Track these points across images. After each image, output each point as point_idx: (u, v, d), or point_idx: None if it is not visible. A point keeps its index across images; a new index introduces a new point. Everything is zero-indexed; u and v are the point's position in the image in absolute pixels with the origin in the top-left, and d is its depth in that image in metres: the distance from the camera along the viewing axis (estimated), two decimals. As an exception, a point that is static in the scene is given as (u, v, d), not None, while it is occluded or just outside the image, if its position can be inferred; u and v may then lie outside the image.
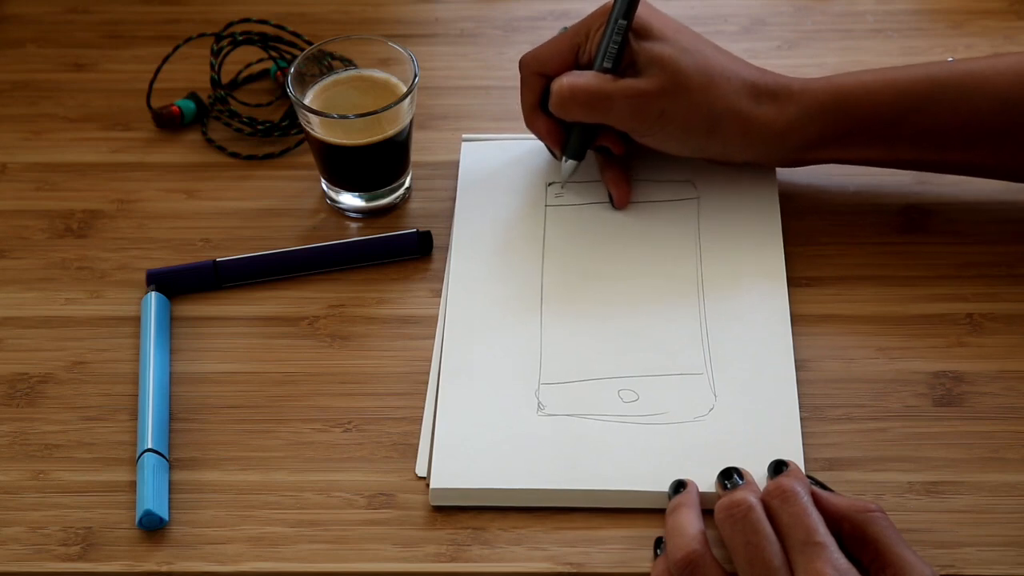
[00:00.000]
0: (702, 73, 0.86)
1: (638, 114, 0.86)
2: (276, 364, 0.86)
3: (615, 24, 0.86)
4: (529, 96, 0.90)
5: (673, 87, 0.85)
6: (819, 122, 0.86)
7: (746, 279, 0.88)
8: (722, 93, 0.86)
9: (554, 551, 0.77)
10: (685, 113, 0.86)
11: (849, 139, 0.87)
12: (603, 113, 0.87)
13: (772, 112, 0.86)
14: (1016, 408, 0.82)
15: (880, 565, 0.71)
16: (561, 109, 0.88)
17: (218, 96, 0.99)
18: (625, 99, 0.86)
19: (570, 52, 0.89)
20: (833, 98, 0.86)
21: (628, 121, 0.87)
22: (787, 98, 0.86)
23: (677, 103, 0.86)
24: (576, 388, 0.83)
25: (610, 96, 0.86)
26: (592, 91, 0.86)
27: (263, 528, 0.78)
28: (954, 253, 0.89)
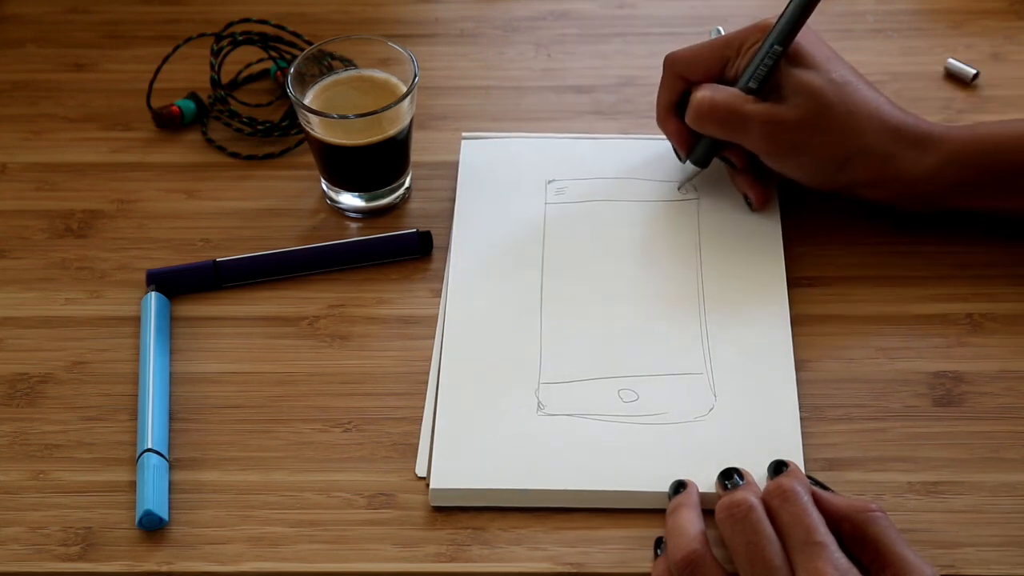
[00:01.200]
0: (846, 109, 0.84)
1: (773, 141, 0.85)
2: (276, 364, 0.86)
3: (770, 48, 0.85)
4: (666, 96, 0.89)
5: (813, 120, 0.84)
6: (957, 173, 0.85)
7: (746, 279, 0.88)
8: (861, 132, 0.84)
9: (554, 551, 0.77)
10: (821, 147, 0.85)
11: (983, 191, 0.86)
12: (739, 133, 0.86)
13: (910, 159, 0.85)
14: (1016, 408, 0.82)
15: (880, 565, 0.71)
16: (698, 122, 0.87)
17: (218, 96, 0.99)
18: (763, 124, 0.85)
19: (718, 62, 0.88)
20: (975, 148, 0.85)
21: (761, 145, 0.86)
22: (928, 146, 0.85)
23: (814, 136, 0.84)
24: (576, 388, 0.83)
25: (749, 119, 0.85)
26: (732, 110, 0.85)
27: (263, 528, 0.78)
28: (954, 253, 0.89)
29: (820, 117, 0.84)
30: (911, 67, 1.02)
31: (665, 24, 1.06)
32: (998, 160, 0.85)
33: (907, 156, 0.85)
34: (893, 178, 0.85)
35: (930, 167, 0.85)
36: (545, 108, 1.00)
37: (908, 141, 0.85)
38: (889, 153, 0.85)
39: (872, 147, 0.85)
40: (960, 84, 1.00)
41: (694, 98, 0.87)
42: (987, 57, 1.02)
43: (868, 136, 0.85)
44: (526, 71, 1.03)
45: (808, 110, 0.84)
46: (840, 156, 0.85)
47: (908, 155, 0.85)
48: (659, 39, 1.04)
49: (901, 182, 0.86)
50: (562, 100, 1.00)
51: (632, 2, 1.08)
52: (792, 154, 0.86)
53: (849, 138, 0.85)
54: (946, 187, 0.86)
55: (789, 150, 0.86)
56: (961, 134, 0.86)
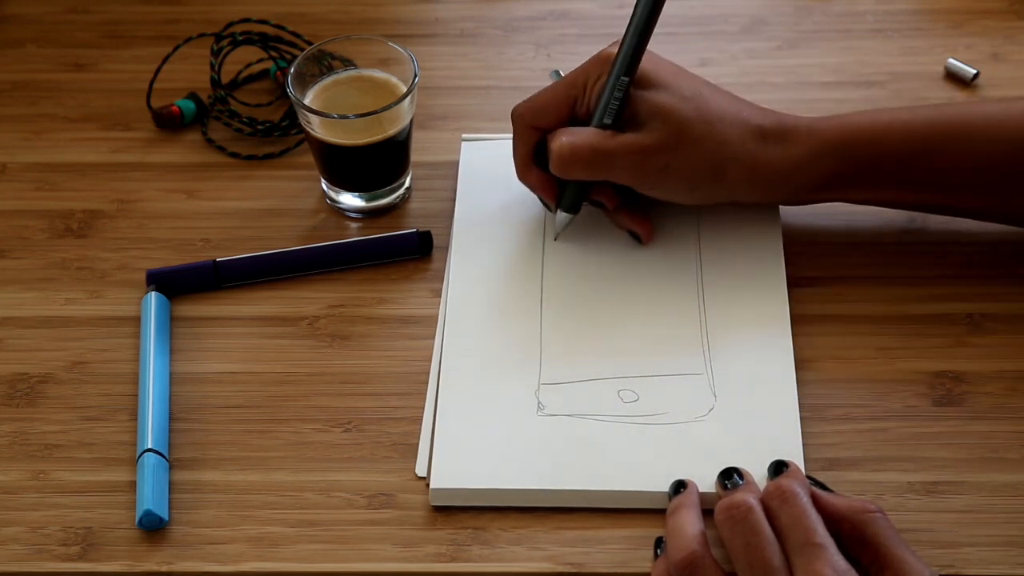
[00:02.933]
0: (704, 121, 0.83)
1: (641, 170, 0.84)
2: (276, 364, 0.86)
3: (617, 80, 0.84)
4: (522, 149, 0.88)
5: (676, 140, 0.83)
6: (826, 164, 0.84)
7: (746, 279, 0.88)
8: (725, 140, 0.84)
9: (554, 551, 0.77)
10: (689, 165, 0.84)
11: (857, 181, 0.85)
12: (605, 171, 0.85)
13: (778, 154, 0.84)
14: (1016, 408, 0.82)
15: (880, 566, 0.71)
16: (561, 169, 0.85)
17: (218, 96, 0.99)
18: (627, 156, 0.84)
19: (566, 105, 0.86)
20: (840, 140, 0.84)
21: (631, 177, 0.85)
22: (794, 139, 0.84)
23: (680, 155, 0.83)
24: (576, 388, 0.83)
25: (612, 155, 0.84)
26: (593, 150, 0.84)
27: (263, 528, 0.78)
28: (954, 253, 0.89)
29: (681, 135, 0.83)
30: (911, 67, 1.02)
31: (665, 24, 1.04)
32: (863, 151, 0.84)
33: (775, 152, 0.84)
34: (765, 177, 0.85)
35: (799, 159, 0.84)
36: (545, 108, 1.00)
37: (773, 137, 0.84)
38: (756, 152, 0.84)
39: (739, 152, 0.84)
40: (960, 84, 1.00)
41: (553, 146, 0.85)
42: (987, 57, 1.02)
43: (733, 142, 0.84)
44: (526, 71, 1.03)
45: (668, 132, 0.83)
46: (711, 168, 0.84)
47: (776, 151, 0.84)
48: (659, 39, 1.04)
49: (774, 179, 0.85)
50: (562, 100, 1.00)
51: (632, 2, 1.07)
52: (663, 178, 0.84)
53: (715, 149, 0.83)
54: (819, 180, 0.85)
55: (659, 175, 0.84)
56: (826, 124, 0.85)
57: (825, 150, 0.84)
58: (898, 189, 0.86)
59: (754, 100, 0.91)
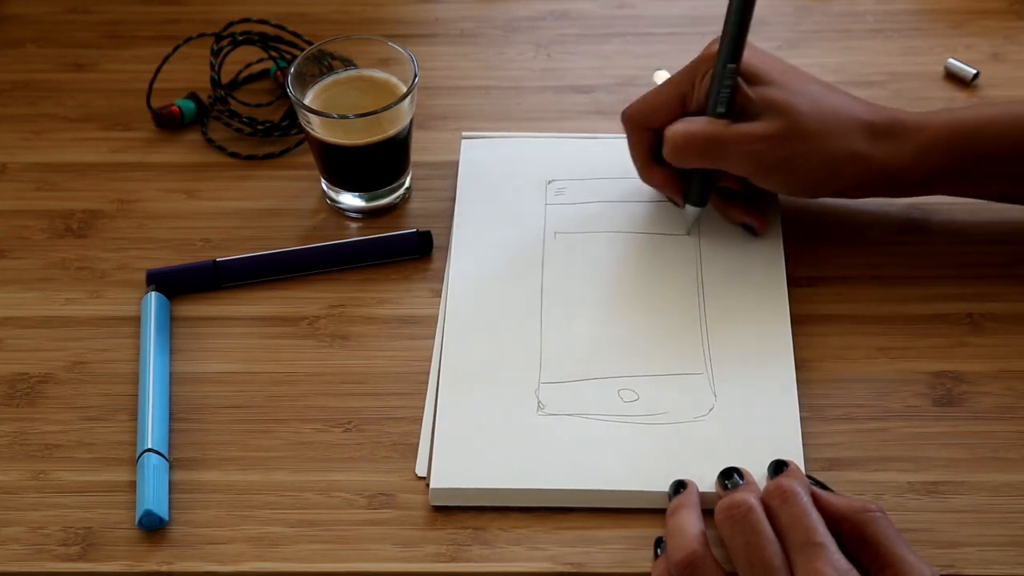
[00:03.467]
0: (818, 116, 0.84)
1: (756, 159, 0.84)
2: (276, 364, 0.86)
3: (723, 69, 0.84)
4: (641, 150, 0.89)
5: (791, 132, 0.84)
6: (936, 159, 0.84)
7: (746, 279, 0.88)
8: (840, 135, 0.84)
9: (554, 551, 0.77)
10: (805, 158, 0.84)
11: (966, 176, 0.85)
12: (720, 159, 0.85)
13: (890, 151, 0.84)
14: (1016, 408, 0.82)
15: (880, 565, 0.71)
16: (676, 157, 0.86)
17: (218, 96, 0.99)
18: (742, 144, 0.84)
19: (677, 102, 0.87)
20: (949, 135, 0.84)
21: (746, 166, 0.85)
22: (903, 135, 0.85)
23: (797, 149, 0.84)
24: (576, 388, 0.83)
25: (727, 142, 0.84)
26: (708, 137, 0.84)
27: (263, 528, 0.78)
28: (954, 253, 0.89)
29: (796, 129, 0.84)
30: (911, 67, 1.02)
31: (665, 24, 1.06)
32: (974, 145, 0.84)
33: (886, 148, 0.85)
34: (877, 174, 0.85)
35: (909, 155, 0.85)
36: (545, 108, 1.00)
37: (883, 133, 0.85)
38: (869, 149, 0.84)
39: (853, 147, 0.84)
40: (960, 84, 1.00)
41: (668, 135, 0.85)
42: (987, 57, 1.02)
43: (847, 138, 0.84)
44: (526, 71, 1.03)
45: (784, 124, 0.84)
46: (826, 163, 0.84)
47: (887, 147, 0.85)
48: (659, 39, 1.05)
49: (885, 175, 0.85)
50: (562, 100, 1.00)
51: (632, 2, 1.08)
52: (779, 169, 0.85)
53: (830, 144, 0.84)
54: (927, 174, 0.85)
55: (776, 166, 0.85)
56: (935, 119, 0.85)
57: (935, 146, 0.84)
58: (1005, 183, 0.86)
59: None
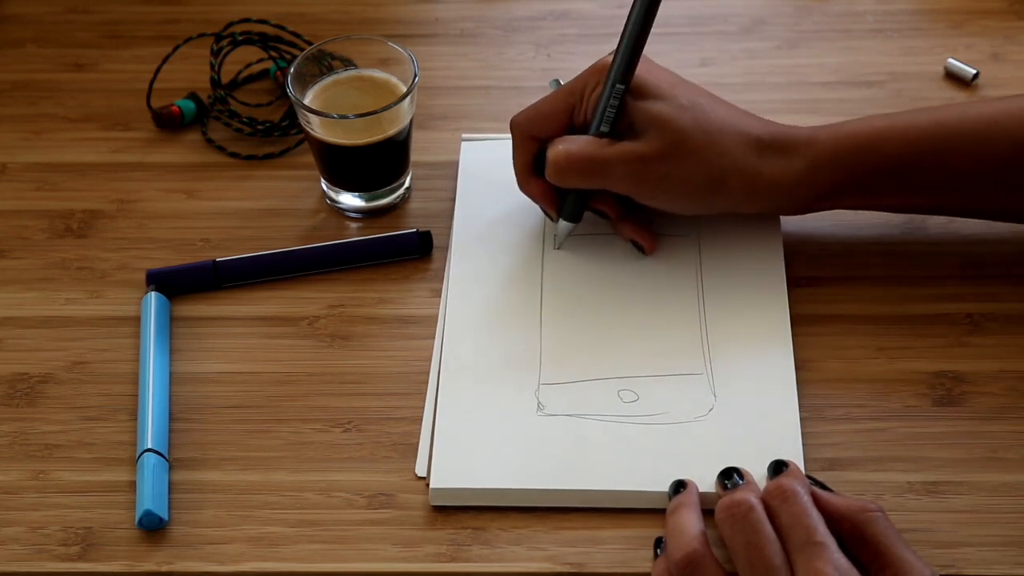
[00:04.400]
0: (702, 132, 0.83)
1: (639, 179, 0.84)
2: (276, 364, 0.86)
3: (612, 88, 0.83)
4: (522, 159, 0.88)
5: (673, 149, 0.83)
6: (827, 174, 0.84)
7: (746, 279, 0.88)
8: (724, 151, 0.83)
9: (554, 551, 0.77)
10: (687, 175, 0.83)
11: (858, 189, 0.85)
12: (601, 179, 0.84)
13: (778, 167, 0.84)
14: (1016, 408, 0.82)
15: (880, 565, 0.71)
16: (558, 177, 0.85)
17: (218, 96, 0.99)
18: (624, 164, 0.83)
19: (564, 113, 0.86)
20: (839, 149, 0.84)
21: (629, 186, 0.84)
22: (793, 151, 0.84)
23: (678, 165, 0.83)
24: (576, 388, 0.83)
25: (608, 162, 0.83)
26: (589, 158, 0.84)
27: (263, 528, 0.78)
28: (954, 253, 0.89)
29: (679, 145, 0.83)
30: (911, 67, 1.02)
31: (665, 24, 1.05)
32: (863, 158, 0.84)
33: (775, 164, 0.84)
34: (766, 190, 0.84)
35: (798, 171, 0.84)
36: (545, 108, 1.00)
37: (773, 149, 0.84)
38: (756, 165, 0.83)
39: (739, 163, 0.83)
40: (960, 84, 1.00)
41: (550, 154, 0.85)
42: (987, 57, 1.02)
43: (732, 153, 0.83)
44: (526, 71, 1.03)
45: (666, 141, 0.83)
46: (710, 179, 0.83)
47: (776, 163, 0.84)
48: (659, 39, 1.04)
49: (775, 191, 0.84)
50: (562, 100, 1.00)
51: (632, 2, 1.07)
52: (662, 187, 0.84)
53: (713, 159, 0.83)
54: (820, 190, 0.84)
55: (658, 184, 0.84)
56: (825, 134, 0.84)
57: (825, 160, 0.84)
58: (899, 194, 0.85)
59: (754, 100, 0.91)
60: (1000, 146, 0.83)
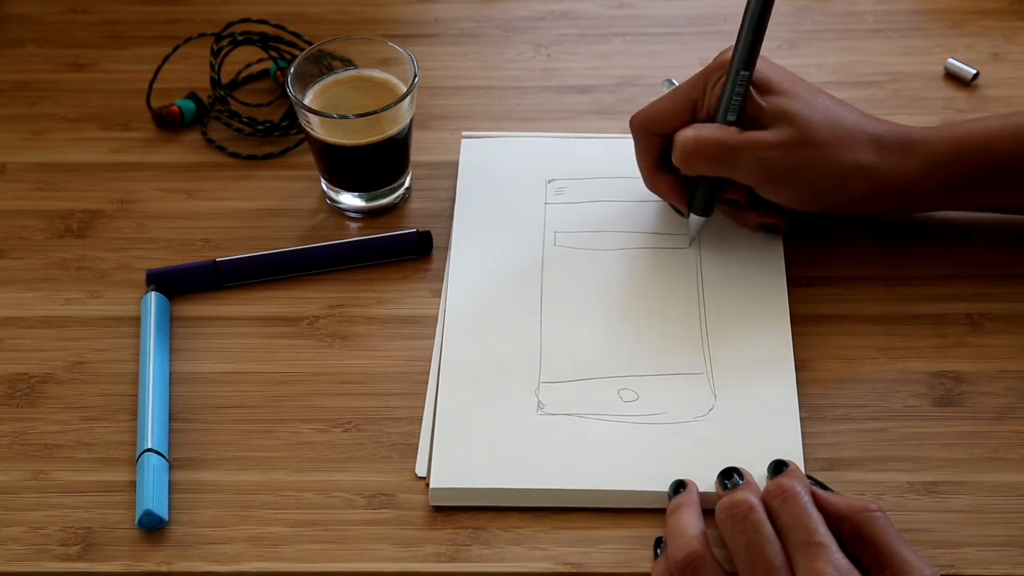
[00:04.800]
0: (830, 127, 0.83)
1: (766, 168, 0.84)
2: (276, 364, 0.86)
3: (737, 75, 0.83)
4: (648, 156, 0.88)
5: (801, 141, 0.83)
6: (943, 173, 0.84)
7: (746, 279, 0.88)
8: (849, 147, 0.84)
9: (554, 551, 0.77)
10: (813, 168, 0.83)
11: (973, 189, 0.85)
12: (730, 166, 0.84)
13: (896, 165, 0.84)
14: (1016, 408, 0.82)
15: (880, 565, 0.71)
16: (686, 163, 0.85)
17: (218, 96, 0.99)
18: (753, 152, 0.83)
19: (687, 109, 0.86)
20: (956, 148, 0.84)
21: (755, 175, 0.84)
22: (909, 149, 0.84)
23: (805, 157, 0.83)
24: (576, 388, 0.83)
25: (738, 149, 0.83)
26: (719, 143, 0.84)
27: (263, 528, 0.78)
28: (954, 253, 0.89)
29: (807, 139, 0.83)
30: (911, 67, 1.02)
31: (665, 24, 1.06)
32: (978, 158, 0.84)
33: (893, 162, 0.84)
34: (885, 188, 0.84)
35: (915, 171, 0.84)
36: (545, 108, 1.00)
37: (890, 148, 0.84)
38: (876, 163, 0.84)
39: (861, 160, 0.84)
40: (960, 84, 1.00)
41: (678, 139, 0.85)
42: (987, 57, 1.02)
43: (856, 151, 0.84)
44: (526, 71, 1.03)
45: (795, 133, 0.83)
46: (834, 175, 0.84)
47: (894, 161, 0.84)
48: (659, 39, 1.05)
49: (893, 190, 0.85)
50: (562, 100, 1.00)
51: (632, 2, 1.08)
52: (787, 180, 0.84)
53: (839, 154, 0.83)
54: (932, 189, 0.85)
55: (784, 175, 0.84)
56: (940, 135, 0.85)
57: (942, 159, 0.84)
58: (1013, 194, 0.86)
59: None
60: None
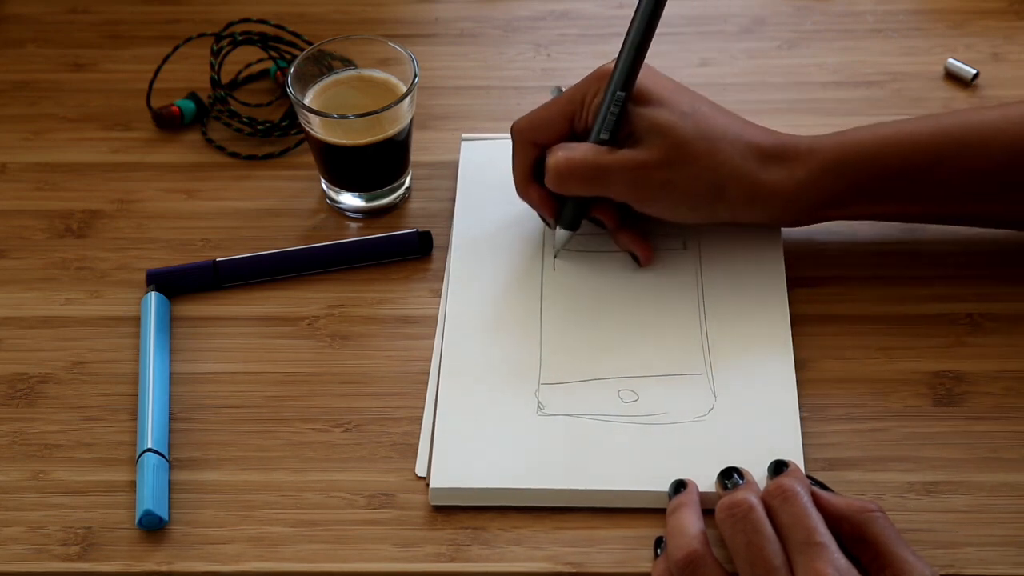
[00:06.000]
0: (704, 138, 0.82)
1: (639, 186, 0.83)
2: (276, 364, 0.86)
3: (613, 95, 0.83)
4: (521, 165, 0.87)
5: (674, 156, 0.82)
6: (828, 183, 0.83)
7: (746, 279, 0.88)
8: (726, 158, 0.82)
9: (554, 551, 0.77)
10: (688, 182, 0.83)
11: (859, 198, 0.84)
12: (602, 187, 0.84)
13: (780, 175, 0.83)
14: (1016, 408, 0.82)
15: (880, 565, 0.71)
16: (557, 183, 0.84)
17: (218, 96, 0.99)
18: (624, 172, 0.83)
19: (565, 120, 0.86)
20: (841, 158, 0.83)
21: (629, 193, 0.84)
22: (794, 159, 0.83)
23: (679, 172, 0.82)
24: (576, 388, 0.83)
25: (608, 170, 0.83)
26: (589, 165, 0.83)
27: (263, 528, 0.78)
28: (954, 253, 0.89)
29: (680, 152, 0.82)
30: (911, 67, 1.02)
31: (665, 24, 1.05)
32: (866, 166, 0.83)
33: (776, 173, 0.83)
34: (767, 197, 0.83)
35: (800, 180, 0.83)
36: (545, 108, 1.00)
37: (774, 157, 0.83)
38: (758, 173, 0.83)
39: (739, 171, 0.83)
40: (960, 84, 1.00)
41: (550, 160, 0.84)
42: (987, 57, 1.02)
43: (734, 160, 0.83)
44: (526, 71, 1.03)
45: (667, 148, 0.82)
46: (711, 186, 0.83)
47: (777, 172, 0.83)
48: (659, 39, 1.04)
49: (776, 200, 0.83)
50: (562, 100, 1.00)
51: (632, 2, 1.06)
52: (662, 195, 0.83)
53: (715, 166, 0.82)
54: (822, 200, 0.84)
55: (658, 192, 0.83)
56: (826, 143, 0.84)
57: (826, 169, 0.83)
58: (900, 203, 0.85)
59: (754, 100, 0.92)
60: (999, 153, 0.82)
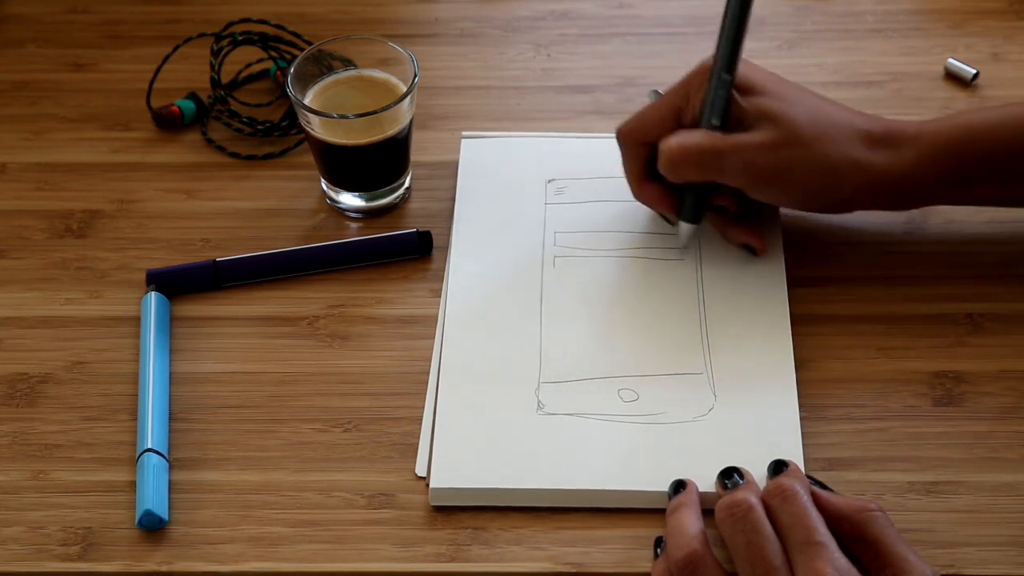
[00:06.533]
0: (814, 124, 0.83)
1: (753, 170, 0.83)
2: (276, 364, 0.86)
3: (719, 78, 0.83)
4: (634, 166, 0.87)
5: (787, 140, 0.83)
6: (937, 167, 0.83)
7: (746, 279, 0.88)
8: (836, 144, 0.83)
9: (554, 551, 0.77)
10: (801, 166, 0.83)
11: (967, 181, 0.84)
12: (717, 171, 0.84)
13: (890, 159, 0.83)
14: (1016, 408, 0.82)
15: (880, 565, 0.71)
16: (672, 170, 0.84)
17: (218, 96, 0.99)
18: (739, 154, 0.83)
19: (671, 116, 0.86)
20: (949, 141, 0.83)
21: (742, 178, 0.84)
22: (903, 143, 0.84)
23: (792, 157, 0.83)
24: (576, 388, 0.83)
25: (723, 152, 0.83)
26: (704, 148, 0.83)
27: (263, 528, 0.78)
28: (954, 253, 0.89)
29: (793, 136, 0.83)
30: (911, 67, 1.02)
31: (665, 24, 1.06)
32: (975, 149, 0.84)
33: (886, 157, 0.84)
34: (879, 182, 0.84)
35: (908, 165, 0.84)
36: (545, 108, 1.00)
37: (882, 142, 0.84)
38: (868, 158, 0.84)
39: (851, 155, 0.83)
40: (960, 84, 1.00)
41: (663, 148, 0.84)
42: (987, 57, 1.02)
43: (844, 146, 0.83)
44: (526, 71, 1.03)
45: (779, 132, 0.83)
46: (824, 172, 0.83)
47: (887, 156, 0.84)
48: (659, 39, 1.05)
49: (886, 184, 0.84)
50: (562, 100, 1.00)
51: (632, 2, 1.08)
52: (776, 180, 0.84)
53: (826, 151, 0.83)
54: (929, 182, 0.84)
55: (772, 176, 0.84)
56: (934, 127, 0.85)
57: (936, 152, 0.83)
58: (1006, 186, 0.85)
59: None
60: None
